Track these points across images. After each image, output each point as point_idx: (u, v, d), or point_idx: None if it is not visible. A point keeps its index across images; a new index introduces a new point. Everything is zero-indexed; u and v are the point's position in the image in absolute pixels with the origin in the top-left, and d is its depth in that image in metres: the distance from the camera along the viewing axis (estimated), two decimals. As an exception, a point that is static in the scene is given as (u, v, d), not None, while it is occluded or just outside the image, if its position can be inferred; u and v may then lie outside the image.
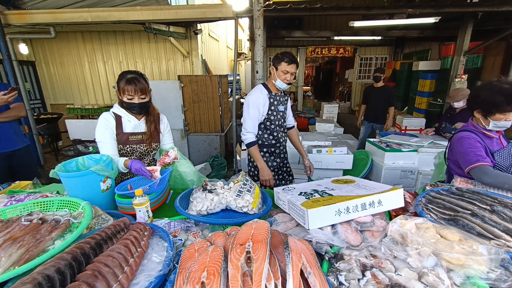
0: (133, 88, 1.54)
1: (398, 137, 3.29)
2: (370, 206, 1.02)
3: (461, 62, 5.57)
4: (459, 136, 1.61)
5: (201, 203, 1.24)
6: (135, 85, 1.54)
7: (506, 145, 1.59)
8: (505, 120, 1.45)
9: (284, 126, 2.19)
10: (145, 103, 1.62)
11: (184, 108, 4.54)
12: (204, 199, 1.27)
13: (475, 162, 1.49)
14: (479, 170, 1.47)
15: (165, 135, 1.83)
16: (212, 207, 1.25)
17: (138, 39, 5.89)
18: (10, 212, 1.11)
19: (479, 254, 0.76)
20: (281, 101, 2.08)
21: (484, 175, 1.45)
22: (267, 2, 4.04)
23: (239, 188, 1.32)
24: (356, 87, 10.37)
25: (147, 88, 1.62)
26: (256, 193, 1.33)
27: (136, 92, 1.55)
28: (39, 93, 6.47)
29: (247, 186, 1.35)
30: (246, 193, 1.29)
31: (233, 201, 1.26)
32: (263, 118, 2.03)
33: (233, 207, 1.26)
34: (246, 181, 1.38)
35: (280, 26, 7.69)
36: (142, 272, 0.79)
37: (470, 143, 1.56)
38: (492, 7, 4.09)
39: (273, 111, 2.04)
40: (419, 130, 5.49)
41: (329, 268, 0.81)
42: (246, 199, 1.26)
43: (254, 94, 2.00)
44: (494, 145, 1.57)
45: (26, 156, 2.41)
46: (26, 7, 4.31)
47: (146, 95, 1.61)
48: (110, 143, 1.59)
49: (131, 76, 1.55)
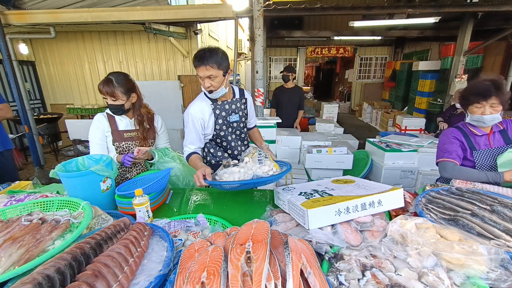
0: (104, 91, 1.58)
1: (398, 137, 3.29)
2: (370, 206, 1.02)
3: (461, 62, 5.57)
4: (442, 132, 1.70)
5: (232, 176, 1.31)
6: (105, 87, 1.57)
7: (495, 146, 1.54)
8: (480, 114, 1.48)
9: (244, 134, 1.82)
10: (117, 105, 1.62)
11: (184, 108, 4.54)
12: (234, 173, 1.33)
13: (439, 157, 1.61)
14: (440, 165, 1.59)
15: (160, 135, 1.86)
16: (244, 177, 1.32)
17: (138, 39, 5.88)
18: (10, 212, 1.11)
19: (479, 254, 0.76)
20: (232, 108, 1.66)
21: (443, 170, 1.57)
22: (267, 2, 4.04)
23: (257, 158, 1.43)
24: (356, 87, 10.37)
25: (120, 92, 1.58)
26: (270, 158, 1.47)
27: (108, 94, 1.58)
28: (39, 93, 6.47)
29: (262, 154, 1.46)
30: (265, 160, 1.42)
31: (258, 169, 1.35)
32: (211, 135, 1.68)
33: (260, 174, 1.33)
34: (259, 151, 1.50)
35: (280, 26, 7.69)
36: (142, 272, 0.79)
37: (444, 139, 1.64)
38: (492, 7, 4.09)
39: (222, 124, 1.65)
40: (419, 130, 5.49)
41: (329, 268, 0.81)
42: (268, 164, 1.39)
43: (193, 106, 1.62)
44: (480, 144, 1.56)
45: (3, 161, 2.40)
46: (26, 7, 4.30)
47: (116, 98, 1.59)
48: (99, 144, 1.65)
49: (106, 78, 1.59)
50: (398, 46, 9.33)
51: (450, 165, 1.53)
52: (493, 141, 1.56)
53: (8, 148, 2.44)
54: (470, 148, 1.57)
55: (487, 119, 1.48)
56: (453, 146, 1.58)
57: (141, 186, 1.30)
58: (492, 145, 1.55)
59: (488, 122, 1.49)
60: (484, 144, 1.56)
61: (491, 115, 1.47)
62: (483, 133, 1.57)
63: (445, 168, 1.55)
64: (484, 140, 1.57)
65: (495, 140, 1.56)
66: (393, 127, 6.71)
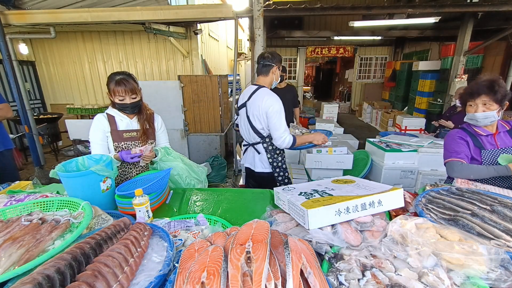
0: (123, 89, 1.57)
1: (398, 137, 3.29)
2: (370, 206, 1.02)
3: (461, 62, 5.57)
4: (447, 134, 1.71)
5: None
6: (124, 86, 1.57)
7: (502, 146, 1.53)
8: (474, 112, 1.52)
9: None
10: (137, 102, 1.66)
11: (184, 108, 4.54)
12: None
13: (447, 158, 1.60)
14: (448, 165, 1.58)
15: (159, 135, 1.86)
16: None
17: (138, 39, 5.89)
18: (10, 212, 1.11)
19: (479, 254, 0.76)
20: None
21: (451, 170, 1.55)
22: (267, 2, 4.04)
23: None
24: (356, 87, 10.37)
25: (137, 87, 1.64)
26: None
27: (127, 93, 1.59)
28: (39, 93, 6.47)
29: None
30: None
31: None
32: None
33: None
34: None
35: (280, 26, 7.69)
36: (142, 272, 0.79)
37: (450, 139, 1.64)
38: (492, 7, 4.09)
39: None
40: (419, 130, 5.49)
41: (329, 268, 0.81)
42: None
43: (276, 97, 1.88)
44: (486, 144, 1.56)
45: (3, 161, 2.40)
46: (26, 7, 4.31)
47: (136, 95, 1.64)
48: (100, 144, 1.65)
49: (120, 77, 1.58)
50: (398, 46, 9.34)
51: (458, 164, 1.52)
52: (500, 141, 1.55)
53: (8, 148, 2.44)
54: (478, 147, 1.56)
55: (479, 116, 1.50)
56: (460, 146, 1.58)
57: (141, 186, 1.30)
58: (499, 145, 1.54)
59: (481, 120, 1.51)
60: (490, 144, 1.55)
61: (484, 113, 1.48)
62: (488, 133, 1.56)
63: (453, 168, 1.53)
64: (490, 140, 1.56)
65: (501, 140, 1.55)
66: (393, 127, 6.71)
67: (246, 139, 2.14)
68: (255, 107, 1.91)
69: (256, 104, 1.90)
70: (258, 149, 2.05)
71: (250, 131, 2.01)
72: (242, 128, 2.13)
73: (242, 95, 2.11)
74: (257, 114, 1.91)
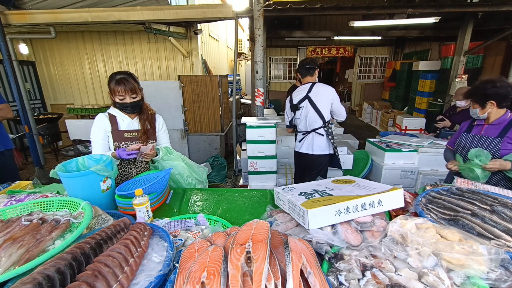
0: (123, 89, 1.58)
1: (398, 137, 3.29)
2: (370, 206, 1.02)
3: (461, 62, 5.57)
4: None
5: None
6: (124, 85, 1.57)
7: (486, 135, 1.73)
8: (472, 108, 1.80)
9: None
10: (137, 102, 1.66)
11: (184, 108, 4.54)
12: None
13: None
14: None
15: (160, 135, 1.86)
16: None
17: (138, 39, 5.89)
18: (10, 212, 1.11)
19: (479, 254, 0.76)
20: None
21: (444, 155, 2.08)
22: (267, 2, 4.04)
23: None
24: (356, 87, 10.37)
25: (137, 87, 1.64)
26: None
27: (127, 92, 1.59)
28: (39, 93, 6.47)
29: None
30: None
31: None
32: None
33: None
34: None
35: (280, 26, 7.69)
36: (142, 272, 0.79)
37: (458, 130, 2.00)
38: (492, 7, 4.09)
39: None
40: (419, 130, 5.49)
41: (329, 268, 0.81)
42: None
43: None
44: (473, 130, 1.84)
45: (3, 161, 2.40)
46: (26, 7, 4.30)
47: (137, 94, 1.64)
48: (101, 144, 1.66)
49: (120, 77, 1.58)
50: (398, 46, 9.33)
51: (445, 149, 2.06)
52: (486, 130, 1.76)
53: (8, 148, 2.44)
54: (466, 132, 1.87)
55: (471, 111, 1.83)
56: (456, 134, 1.97)
57: (141, 186, 1.30)
58: (483, 134, 1.76)
59: (473, 115, 1.82)
60: (476, 131, 1.82)
61: (473, 109, 1.80)
62: (481, 123, 1.82)
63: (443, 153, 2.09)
64: (478, 128, 1.82)
65: (489, 130, 1.75)
66: (393, 127, 6.71)
67: (307, 128, 2.52)
68: (322, 96, 2.44)
69: (322, 93, 2.45)
70: (320, 132, 2.47)
71: (316, 117, 2.45)
72: (303, 118, 2.52)
73: (296, 93, 2.56)
74: (325, 100, 2.44)
